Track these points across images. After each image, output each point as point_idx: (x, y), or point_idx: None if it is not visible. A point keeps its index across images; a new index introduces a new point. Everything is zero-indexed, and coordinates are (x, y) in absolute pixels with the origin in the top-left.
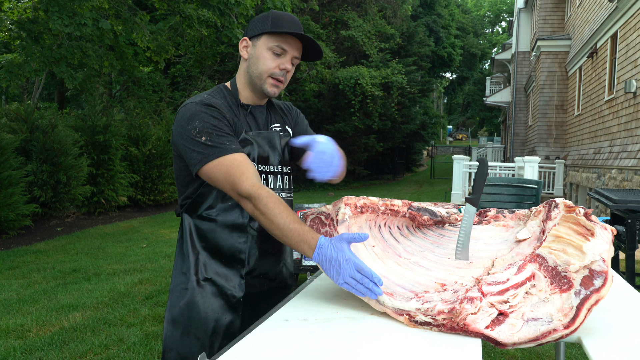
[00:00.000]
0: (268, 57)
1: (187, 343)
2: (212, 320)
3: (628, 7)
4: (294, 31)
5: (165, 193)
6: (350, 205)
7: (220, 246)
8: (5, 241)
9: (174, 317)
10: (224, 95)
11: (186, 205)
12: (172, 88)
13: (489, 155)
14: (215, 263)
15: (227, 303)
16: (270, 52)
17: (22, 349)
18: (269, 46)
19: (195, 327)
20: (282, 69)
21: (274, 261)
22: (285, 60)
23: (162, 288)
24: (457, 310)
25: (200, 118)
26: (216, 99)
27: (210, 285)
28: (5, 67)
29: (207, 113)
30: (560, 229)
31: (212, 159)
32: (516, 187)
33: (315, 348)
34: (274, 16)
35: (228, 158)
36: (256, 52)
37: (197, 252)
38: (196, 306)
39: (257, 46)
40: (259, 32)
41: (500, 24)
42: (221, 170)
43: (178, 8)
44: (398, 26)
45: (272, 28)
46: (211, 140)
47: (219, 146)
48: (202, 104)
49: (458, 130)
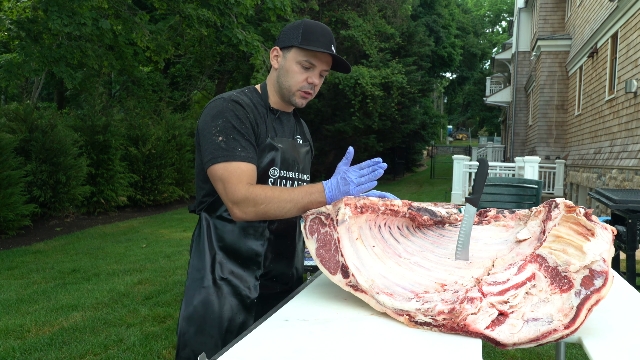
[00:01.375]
0: (297, 71)
1: (201, 341)
2: (226, 320)
3: (628, 7)
4: (324, 49)
5: (165, 193)
6: (350, 205)
7: (237, 247)
8: (5, 241)
9: (189, 315)
10: (254, 97)
11: (206, 204)
12: (171, 88)
13: (489, 155)
14: (232, 263)
15: (241, 303)
16: (300, 66)
17: (21, 349)
18: (298, 60)
19: (209, 325)
20: (310, 82)
21: (287, 264)
22: (313, 74)
23: (161, 288)
24: (457, 311)
25: (225, 117)
26: (246, 97)
27: (225, 285)
28: (4, 66)
29: (233, 111)
30: (560, 229)
31: (219, 161)
32: (516, 187)
33: (315, 348)
34: (305, 29)
35: (234, 165)
36: (286, 64)
37: (214, 252)
38: (211, 305)
39: (286, 58)
40: (289, 44)
41: (501, 23)
42: (223, 175)
43: (178, 8)
44: (398, 26)
45: (302, 43)
46: (226, 143)
47: (230, 150)
48: (230, 100)
49: (458, 130)
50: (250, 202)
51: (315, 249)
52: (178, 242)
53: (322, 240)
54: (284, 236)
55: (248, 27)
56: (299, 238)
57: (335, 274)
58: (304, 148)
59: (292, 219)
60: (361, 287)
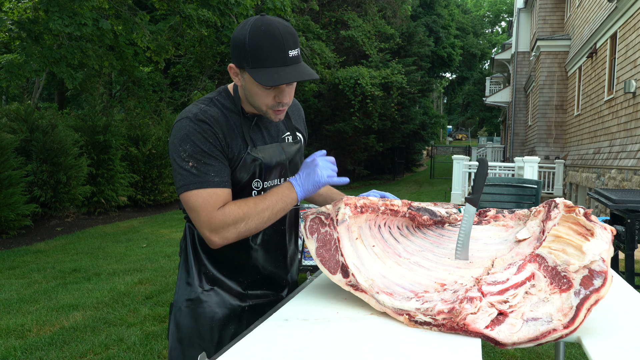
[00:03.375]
0: (261, 93)
1: (193, 354)
2: (217, 331)
3: (627, 8)
4: (277, 82)
5: (165, 193)
6: (350, 205)
7: (224, 259)
8: (6, 241)
9: (179, 328)
10: (226, 103)
11: None
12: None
13: (489, 155)
14: (219, 274)
15: (231, 313)
16: (261, 88)
17: (22, 349)
18: (256, 83)
19: (200, 337)
20: (278, 102)
21: (278, 273)
22: (279, 92)
23: (162, 288)
24: (456, 310)
25: (192, 141)
26: (215, 108)
27: (214, 296)
28: (5, 67)
29: (200, 133)
30: (560, 228)
31: (192, 188)
32: (516, 187)
33: (315, 348)
34: (252, 47)
35: (208, 191)
36: (247, 85)
37: (200, 264)
38: (200, 317)
39: (245, 79)
40: (241, 66)
41: (500, 24)
42: (197, 202)
43: (178, 8)
44: (398, 26)
45: (253, 65)
46: (197, 169)
47: (203, 177)
48: (196, 119)
49: (458, 130)
50: (230, 225)
51: (315, 249)
52: (178, 242)
53: (322, 240)
54: (272, 245)
55: None
56: (289, 244)
57: (335, 273)
58: (294, 146)
59: (281, 228)
60: (361, 287)
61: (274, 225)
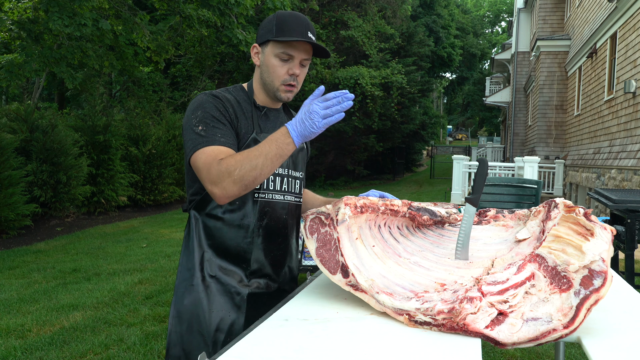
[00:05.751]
0: (277, 65)
1: (192, 339)
2: (216, 317)
3: (627, 8)
4: (298, 38)
5: (165, 193)
6: (350, 205)
7: (226, 245)
8: (6, 241)
9: (179, 313)
10: (240, 94)
11: (195, 202)
12: (172, 88)
13: (489, 155)
14: (221, 261)
15: (231, 300)
16: (278, 59)
17: (22, 349)
18: (275, 53)
19: (199, 323)
20: (291, 74)
21: (278, 263)
22: (293, 65)
23: (162, 288)
24: (456, 310)
25: (204, 108)
26: (229, 94)
27: (215, 283)
28: (5, 67)
29: (212, 103)
30: (559, 228)
31: (199, 148)
32: (516, 187)
33: (315, 348)
34: (279, 20)
35: (213, 148)
36: (265, 60)
37: (203, 250)
38: (201, 303)
39: (265, 53)
40: (265, 39)
41: (500, 24)
42: (201, 159)
43: (178, 8)
44: (398, 26)
45: (277, 35)
46: (205, 131)
47: (210, 137)
48: (211, 94)
49: (458, 130)
50: (225, 174)
51: (315, 249)
52: (178, 242)
53: (322, 240)
54: (274, 233)
55: (248, 28)
56: (291, 236)
57: (335, 273)
58: None
59: (283, 217)
60: (361, 287)
61: (275, 213)
